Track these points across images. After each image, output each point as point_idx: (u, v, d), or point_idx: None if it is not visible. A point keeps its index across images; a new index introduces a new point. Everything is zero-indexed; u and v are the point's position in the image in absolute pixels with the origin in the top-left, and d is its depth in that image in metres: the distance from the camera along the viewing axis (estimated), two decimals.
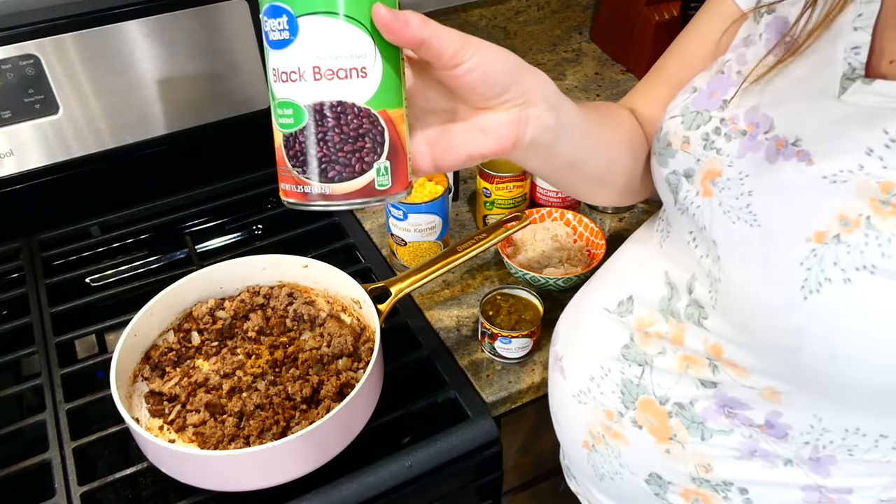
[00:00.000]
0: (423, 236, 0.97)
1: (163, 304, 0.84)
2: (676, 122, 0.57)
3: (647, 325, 0.62)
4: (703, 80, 0.57)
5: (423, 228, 0.96)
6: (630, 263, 0.68)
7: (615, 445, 0.66)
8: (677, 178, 0.56)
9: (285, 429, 0.75)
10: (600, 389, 0.66)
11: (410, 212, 0.94)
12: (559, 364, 0.74)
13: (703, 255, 0.55)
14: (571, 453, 0.75)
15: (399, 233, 0.97)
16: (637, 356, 0.63)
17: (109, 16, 0.95)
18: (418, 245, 0.98)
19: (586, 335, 0.70)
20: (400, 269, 1.01)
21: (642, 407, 0.63)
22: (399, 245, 0.99)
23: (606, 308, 0.67)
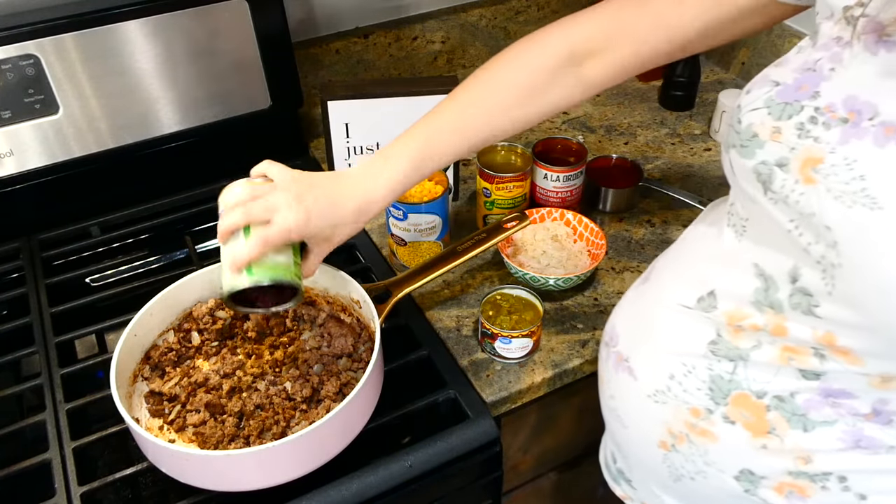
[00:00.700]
0: (423, 236, 0.97)
1: (163, 304, 0.84)
2: (762, 114, 0.56)
3: (739, 318, 0.61)
4: (786, 75, 0.57)
5: (423, 228, 0.96)
6: (703, 259, 0.67)
7: (701, 443, 0.65)
8: (768, 168, 0.56)
9: (285, 429, 0.75)
10: (682, 387, 0.66)
11: (410, 212, 0.94)
12: (625, 364, 0.72)
13: (811, 242, 0.55)
14: (639, 455, 0.74)
15: (399, 233, 0.97)
16: (728, 351, 0.62)
17: (109, 16, 0.95)
18: (418, 245, 0.98)
19: (661, 333, 0.69)
20: (400, 269, 1.01)
21: (735, 402, 0.62)
22: (399, 245, 0.99)
23: (684, 304, 0.66)
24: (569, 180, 1.05)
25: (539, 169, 1.05)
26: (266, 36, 1.05)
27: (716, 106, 1.24)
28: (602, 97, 1.38)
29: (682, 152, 1.24)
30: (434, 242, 0.99)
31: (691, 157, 1.22)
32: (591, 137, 1.27)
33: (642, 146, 1.25)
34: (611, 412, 0.77)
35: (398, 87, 1.02)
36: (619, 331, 0.76)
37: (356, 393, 0.72)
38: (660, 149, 1.25)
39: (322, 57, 1.27)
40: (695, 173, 1.19)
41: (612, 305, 0.95)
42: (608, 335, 0.78)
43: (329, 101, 1.01)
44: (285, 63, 1.10)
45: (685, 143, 1.26)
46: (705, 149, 1.24)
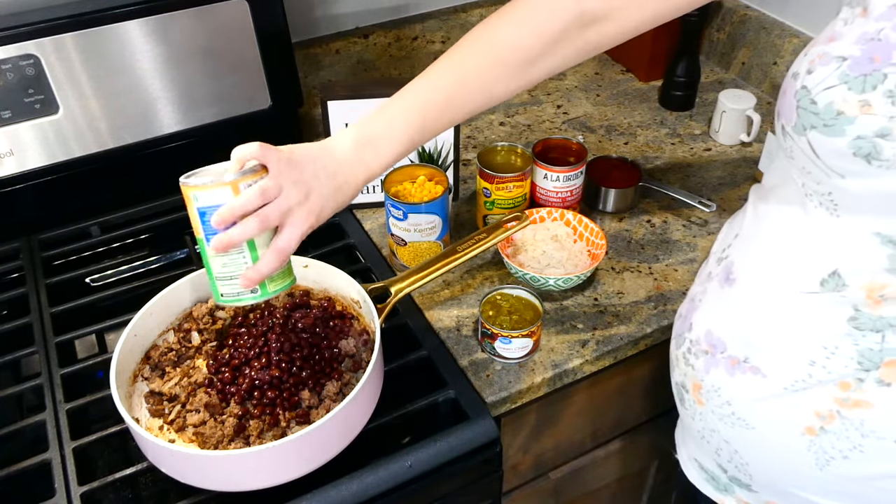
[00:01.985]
0: (423, 236, 0.97)
1: (163, 304, 0.84)
2: (841, 91, 0.56)
3: (879, 289, 0.61)
4: (850, 49, 0.56)
5: (423, 228, 0.96)
6: (804, 242, 0.65)
7: (855, 416, 0.64)
8: (868, 142, 0.55)
9: (285, 429, 0.75)
10: (827, 370, 0.65)
11: (410, 212, 0.94)
12: (745, 365, 0.71)
13: None
14: (772, 455, 0.72)
15: (399, 233, 0.97)
16: (872, 323, 0.62)
17: (109, 16, 0.95)
18: (418, 245, 0.98)
19: (789, 323, 0.67)
20: (400, 269, 1.01)
21: (888, 365, 0.62)
22: (399, 245, 0.99)
23: (808, 291, 0.65)
24: (569, 180, 1.05)
25: (539, 169, 1.05)
26: (266, 36, 1.05)
27: (716, 106, 1.24)
28: (602, 97, 1.37)
29: (682, 152, 1.24)
30: (434, 242, 0.99)
31: (691, 157, 1.22)
32: (591, 137, 1.27)
33: (642, 146, 1.25)
34: (725, 420, 0.74)
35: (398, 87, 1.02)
36: (721, 335, 0.73)
37: (356, 393, 0.72)
38: (660, 149, 1.25)
39: (322, 57, 1.27)
40: (695, 173, 1.19)
41: (613, 305, 0.96)
42: (704, 344, 0.75)
43: (329, 101, 1.01)
44: (285, 63, 1.10)
45: (685, 143, 1.26)
46: (705, 149, 1.24)
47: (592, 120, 1.32)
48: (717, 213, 1.10)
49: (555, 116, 1.33)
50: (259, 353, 0.78)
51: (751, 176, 1.18)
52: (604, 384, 1.01)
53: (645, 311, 0.95)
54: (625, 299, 0.97)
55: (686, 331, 0.79)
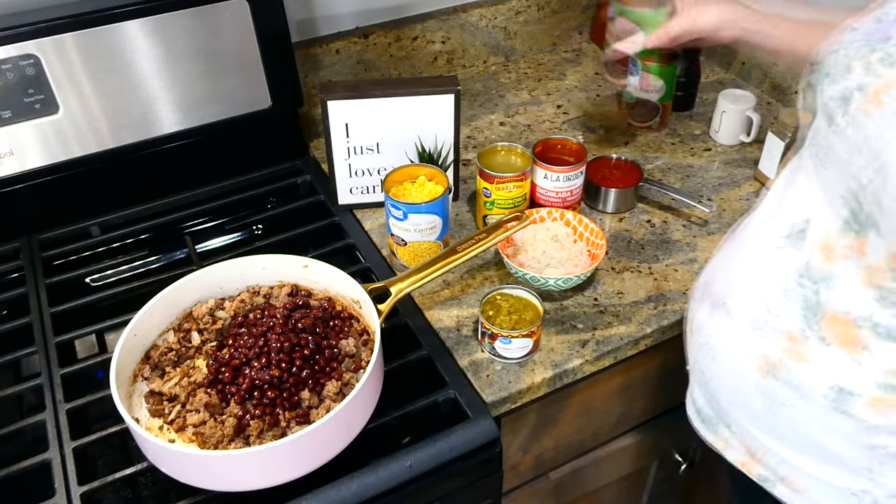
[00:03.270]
0: (424, 236, 0.97)
1: (163, 304, 0.84)
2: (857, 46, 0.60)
3: (830, 246, 0.65)
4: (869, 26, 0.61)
5: (424, 228, 0.96)
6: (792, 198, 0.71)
7: (795, 366, 0.69)
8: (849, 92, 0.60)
9: (285, 429, 0.75)
10: (778, 316, 0.70)
11: (410, 212, 0.94)
12: (721, 307, 0.77)
13: (862, 167, 0.59)
14: (735, 388, 0.76)
15: (399, 233, 0.97)
16: (814, 274, 0.66)
17: (109, 16, 0.95)
18: (418, 245, 0.98)
19: (754, 266, 0.73)
20: (400, 269, 1.01)
21: (827, 322, 0.66)
22: (399, 245, 0.99)
23: (775, 245, 0.71)
24: (569, 180, 1.05)
25: (539, 169, 1.05)
26: (266, 36, 1.05)
27: (716, 106, 1.24)
28: (602, 97, 1.38)
29: (682, 152, 1.24)
30: (434, 242, 0.99)
31: (691, 157, 1.22)
32: (591, 137, 1.27)
33: (642, 146, 1.25)
34: (701, 349, 0.80)
35: (398, 87, 1.02)
36: (711, 280, 0.81)
37: (356, 393, 0.72)
38: (660, 149, 1.25)
39: (322, 57, 1.27)
40: (695, 173, 1.19)
41: (612, 305, 0.96)
42: (700, 290, 0.83)
43: (329, 101, 1.01)
44: (285, 63, 1.10)
45: (685, 143, 1.26)
46: (705, 149, 1.24)
47: (592, 120, 1.32)
48: (717, 213, 1.10)
49: (555, 116, 1.33)
50: (259, 353, 0.78)
51: (751, 176, 1.18)
52: (604, 384, 1.01)
53: (645, 311, 0.95)
54: (625, 299, 0.97)
55: (699, 277, 0.86)
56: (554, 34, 1.51)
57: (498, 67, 1.47)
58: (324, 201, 1.13)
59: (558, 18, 1.49)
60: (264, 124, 1.13)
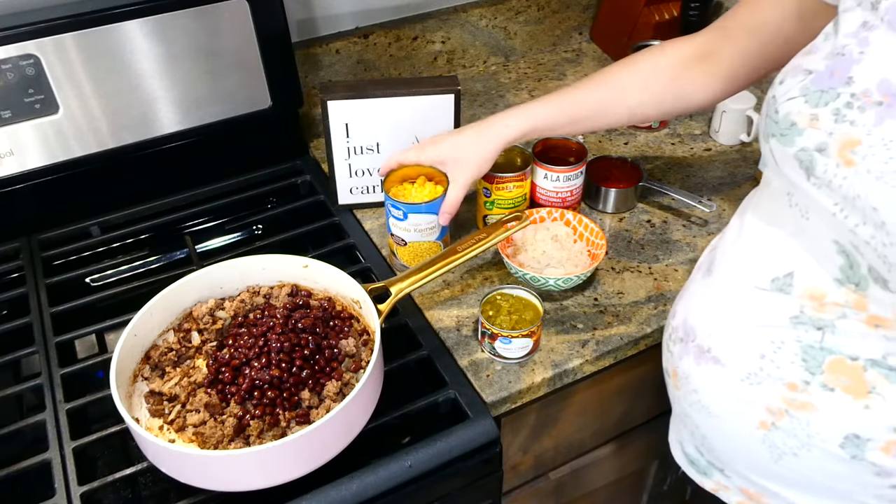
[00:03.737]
0: (423, 236, 0.97)
1: (163, 304, 0.84)
2: (799, 103, 0.58)
3: (821, 296, 0.62)
4: (817, 63, 0.59)
5: (423, 228, 0.96)
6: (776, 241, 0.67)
7: (802, 416, 0.66)
8: (808, 154, 0.57)
9: (285, 429, 0.75)
10: (775, 364, 0.67)
11: (410, 212, 0.94)
12: (708, 356, 0.73)
13: (857, 224, 0.56)
14: (733, 443, 0.74)
15: (399, 233, 0.97)
16: (813, 321, 0.63)
17: (109, 16, 0.95)
18: (418, 245, 0.98)
19: (741, 314, 0.69)
20: (400, 269, 1.01)
21: (831, 368, 0.63)
22: (399, 245, 0.99)
23: (759, 287, 0.67)
24: (569, 180, 1.05)
25: (539, 169, 1.05)
26: (266, 36, 1.05)
27: (716, 106, 1.24)
28: None
29: (682, 152, 1.24)
30: (434, 242, 0.99)
31: (691, 157, 1.22)
32: (591, 137, 1.27)
33: (642, 146, 1.25)
34: (693, 406, 0.77)
35: (398, 87, 1.02)
36: (694, 324, 0.76)
37: (356, 393, 0.72)
38: (660, 149, 1.25)
39: (322, 57, 1.27)
40: (695, 173, 1.19)
41: (612, 305, 0.96)
42: (681, 331, 0.78)
43: (329, 101, 1.01)
44: (285, 63, 1.10)
45: (685, 143, 1.26)
46: (705, 149, 1.24)
47: None
48: (717, 213, 1.10)
49: None
50: (259, 353, 0.78)
51: (751, 176, 1.18)
52: (604, 384, 1.01)
53: (645, 311, 0.95)
54: (625, 299, 0.97)
55: (672, 318, 0.82)
56: (554, 34, 1.51)
57: (498, 67, 1.47)
58: (324, 201, 1.13)
59: (558, 18, 1.49)
60: (264, 124, 1.13)
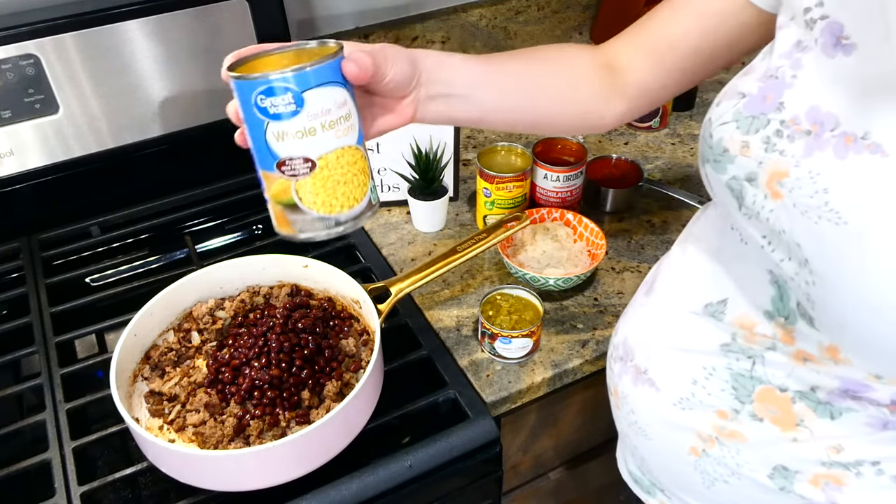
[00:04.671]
0: (340, 137, 0.55)
1: (163, 304, 0.84)
2: (731, 128, 0.56)
3: (750, 326, 0.61)
4: (752, 85, 0.57)
5: (336, 118, 0.55)
6: (714, 265, 0.66)
7: (731, 444, 0.65)
8: (739, 183, 0.56)
9: (285, 429, 0.75)
10: (707, 391, 0.65)
11: (306, 87, 0.53)
12: (644, 377, 0.71)
13: (783, 259, 0.54)
14: (668, 466, 0.73)
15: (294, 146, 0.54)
16: (744, 350, 0.62)
17: (109, 16, 0.95)
18: (337, 160, 0.56)
19: (675, 338, 0.68)
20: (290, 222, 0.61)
21: (760, 398, 0.62)
22: (299, 176, 0.55)
23: (692, 311, 0.66)
24: (569, 180, 1.05)
25: (539, 169, 1.05)
26: (266, 36, 1.05)
27: None
28: None
29: (682, 152, 1.24)
30: (355, 148, 0.57)
31: (691, 157, 1.22)
32: (591, 137, 1.27)
33: (642, 146, 1.25)
34: (631, 426, 0.75)
35: None
36: (633, 344, 0.74)
37: (356, 393, 0.72)
38: (660, 149, 1.25)
39: None
40: (695, 173, 1.19)
41: (612, 305, 0.96)
42: (621, 349, 0.76)
43: None
44: None
45: (685, 143, 1.26)
46: None
47: None
48: None
49: None
50: (259, 353, 0.78)
51: None
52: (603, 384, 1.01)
53: None
54: (625, 299, 0.97)
55: (614, 335, 0.80)
56: (554, 34, 1.51)
57: None
58: None
59: (558, 18, 1.49)
60: None
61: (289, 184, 0.56)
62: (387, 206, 1.13)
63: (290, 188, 0.56)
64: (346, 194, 0.57)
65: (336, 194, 0.57)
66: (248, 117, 0.55)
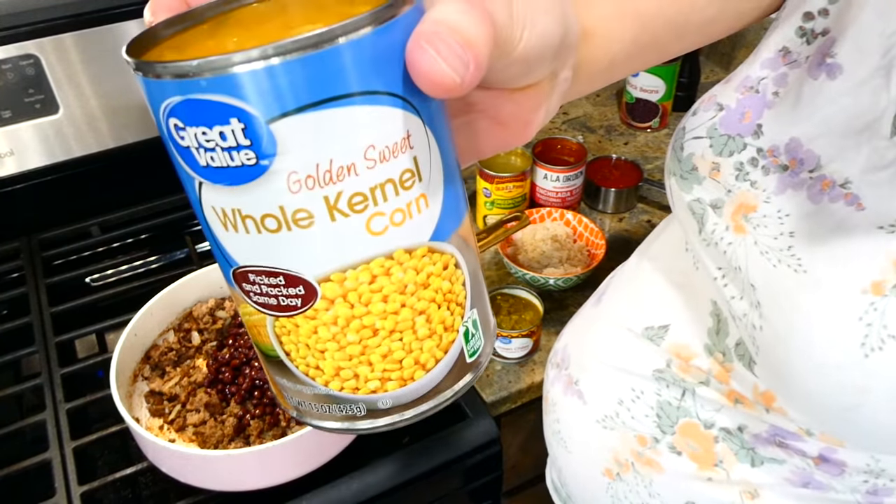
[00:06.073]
0: (381, 232, 0.26)
1: (163, 304, 0.84)
2: (703, 145, 0.50)
3: (687, 357, 0.58)
4: (730, 97, 0.51)
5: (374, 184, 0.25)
6: (661, 286, 0.63)
7: (646, 473, 0.62)
8: (702, 206, 0.51)
9: (285, 429, 0.75)
10: (631, 414, 0.62)
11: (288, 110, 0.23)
12: (574, 388, 0.68)
13: (734, 297, 0.50)
14: (582, 483, 0.71)
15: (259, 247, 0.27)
16: (676, 379, 0.59)
17: (109, 16, 0.95)
18: (370, 283, 0.26)
19: (609, 355, 0.65)
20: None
21: (683, 431, 0.59)
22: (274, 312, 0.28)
23: (631, 329, 0.63)
24: (569, 180, 1.05)
25: (539, 169, 1.05)
26: None
27: None
28: (602, 97, 1.37)
29: None
30: (424, 250, 0.27)
31: None
32: (591, 137, 1.27)
33: (642, 146, 1.25)
34: (555, 435, 0.72)
35: None
36: (571, 353, 0.72)
37: None
38: (660, 149, 1.25)
39: None
40: None
41: None
42: (559, 356, 0.73)
43: None
44: None
45: None
46: None
47: (592, 120, 1.32)
48: None
49: (555, 116, 1.32)
50: None
51: None
52: None
53: None
54: None
55: (558, 340, 0.77)
56: None
57: None
58: None
59: None
60: None
61: (263, 319, 0.28)
62: None
63: (265, 327, 0.28)
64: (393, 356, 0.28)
65: (369, 357, 0.27)
66: (170, 154, 0.26)
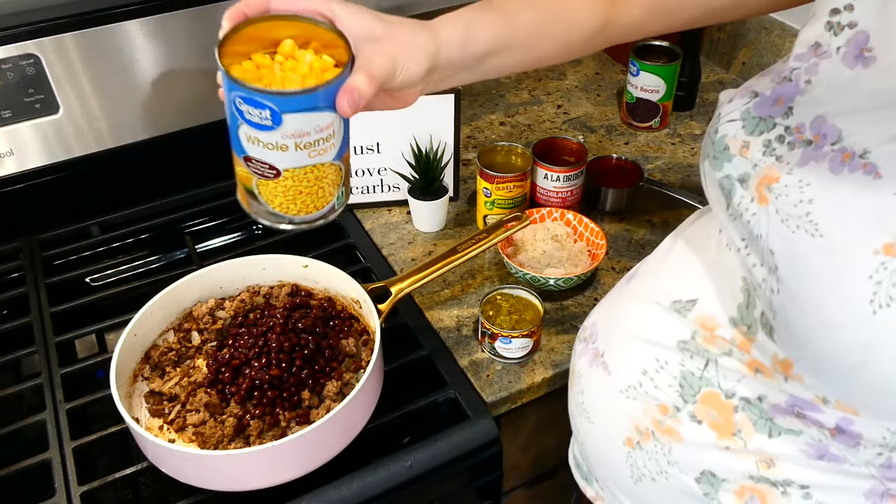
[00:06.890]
0: (312, 155, 0.54)
1: (163, 304, 0.84)
2: (736, 126, 0.56)
3: (713, 328, 0.61)
4: (766, 85, 0.56)
5: (314, 140, 0.53)
6: (693, 267, 0.66)
7: (666, 442, 0.64)
8: (731, 182, 0.56)
9: (285, 429, 0.75)
10: (654, 383, 0.65)
11: (288, 110, 0.51)
12: (600, 360, 0.71)
13: (755, 265, 0.54)
14: (605, 453, 0.73)
15: (262, 153, 0.53)
16: (700, 350, 0.62)
17: (109, 16, 0.95)
18: (304, 175, 0.55)
19: (636, 326, 0.68)
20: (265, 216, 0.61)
21: (704, 400, 0.62)
22: (263, 177, 0.55)
23: (658, 302, 0.66)
24: (569, 180, 1.05)
25: (539, 169, 1.05)
26: None
27: (716, 106, 1.23)
28: (602, 97, 1.37)
29: (683, 152, 1.24)
30: (332, 165, 0.56)
31: (692, 158, 1.22)
32: (591, 137, 1.27)
33: (642, 146, 1.25)
34: (578, 407, 0.75)
35: None
36: (599, 327, 0.75)
37: (356, 393, 0.72)
38: (660, 149, 1.25)
39: None
40: (695, 173, 1.19)
41: None
42: (587, 331, 0.77)
43: None
44: None
45: (685, 143, 1.26)
46: None
47: (592, 120, 1.32)
48: None
49: (555, 116, 1.33)
50: (259, 353, 0.78)
51: None
52: None
53: None
54: None
55: (588, 317, 0.80)
56: None
57: None
58: None
59: None
60: None
61: (252, 177, 0.56)
62: (387, 206, 1.13)
63: (252, 180, 0.56)
64: (305, 202, 0.58)
65: (295, 201, 0.57)
66: (227, 106, 0.53)
